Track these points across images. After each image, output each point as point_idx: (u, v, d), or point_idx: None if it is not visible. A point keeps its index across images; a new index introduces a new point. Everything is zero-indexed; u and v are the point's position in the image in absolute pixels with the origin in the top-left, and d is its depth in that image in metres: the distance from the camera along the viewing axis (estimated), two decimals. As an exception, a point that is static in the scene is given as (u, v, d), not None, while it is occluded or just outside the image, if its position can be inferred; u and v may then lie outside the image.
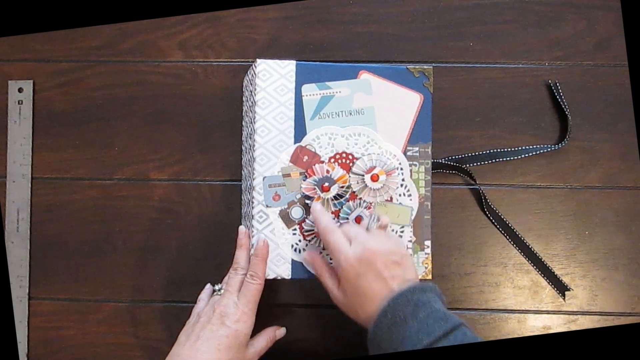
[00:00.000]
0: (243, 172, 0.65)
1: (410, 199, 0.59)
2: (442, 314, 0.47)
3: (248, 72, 0.63)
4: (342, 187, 0.58)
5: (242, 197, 0.65)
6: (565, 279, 0.65)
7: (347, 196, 0.58)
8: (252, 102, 0.59)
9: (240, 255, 0.58)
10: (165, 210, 0.67)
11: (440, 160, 0.65)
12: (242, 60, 0.67)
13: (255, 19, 0.68)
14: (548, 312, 0.66)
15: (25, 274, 0.67)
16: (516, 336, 0.65)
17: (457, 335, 0.46)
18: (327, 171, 0.58)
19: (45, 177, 0.68)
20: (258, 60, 0.58)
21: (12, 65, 0.68)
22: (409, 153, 0.59)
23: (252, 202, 0.58)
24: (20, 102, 0.68)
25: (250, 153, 0.59)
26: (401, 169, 0.59)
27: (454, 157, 0.66)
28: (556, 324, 0.66)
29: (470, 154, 0.66)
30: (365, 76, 0.59)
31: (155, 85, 0.68)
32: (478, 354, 0.46)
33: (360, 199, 0.58)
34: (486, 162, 0.66)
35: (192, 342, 0.53)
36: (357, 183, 0.58)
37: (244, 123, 0.65)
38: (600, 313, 0.65)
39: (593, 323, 0.65)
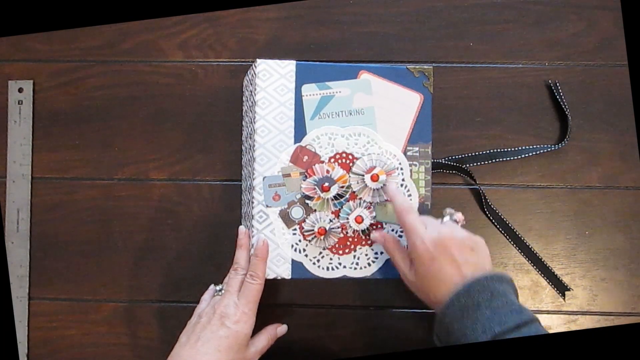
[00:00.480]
0: (243, 172, 0.65)
1: (410, 199, 0.59)
2: (517, 306, 0.48)
3: (248, 72, 0.63)
4: (342, 187, 0.58)
5: (242, 197, 0.65)
6: (565, 279, 0.65)
7: (347, 196, 0.58)
8: (252, 102, 0.59)
9: (240, 256, 0.58)
10: (165, 210, 0.67)
11: (440, 160, 0.65)
12: (242, 60, 0.67)
13: (255, 19, 0.68)
14: (548, 312, 0.66)
15: (25, 274, 0.67)
16: (516, 336, 0.65)
17: (531, 329, 0.46)
18: (327, 171, 0.58)
19: (45, 177, 0.68)
20: (258, 60, 0.58)
21: (12, 65, 0.68)
22: (409, 153, 0.59)
23: (252, 202, 0.58)
24: (20, 102, 0.68)
25: (250, 153, 0.59)
26: (401, 169, 0.59)
27: (454, 157, 0.66)
28: (556, 324, 0.66)
29: (470, 154, 0.66)
30: (365, 76, 0.59)
31: (155, 85, 0.68)
32: (478, 354, 0.46)
33: (360, 199, 0.58)
34: (486, 162, 0.66)
35: (192, 343, 0.53)
36: (357, 183, 0.58)
37: (244, 123, 0.65)
38: (600, 313, 0.65)
39: (593, 323, 0.65)
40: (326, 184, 0.57)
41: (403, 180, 0.59)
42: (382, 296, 0.66)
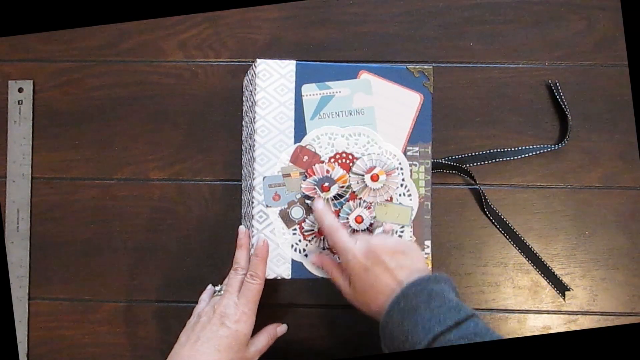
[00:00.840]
0: (243, 172, 0.65)
1: (410, 199, 0.59)
2: (455, 304, 0.48)
3: (248, 72, 0.63)
4: (342, 187, 0.58)
5: (242, 197, 0.65)
6: (565, 279, 0.65)
7: (347, 196, 0.58)
8: (252, 102, 0.59)
9: (240, 256, 0.58)
10: (165, 210, 0.67)
11: (440, 160, 0.65)
12: (242, 60, 0.67)
13: (255, 19, 0.68)
14: (548, 312, 0.66)
15: (25, 274, 0.67)
16: (516, 336, 0.65)
17: (469, 325, 0.46)
18: (327, 171, 0.58)
19: (45, 177, 0.68)
20: (258, 60, 0.58)
21: (12, 65, 0.68)
22: (409, 153, 0.59)
23: (252, 202, 0.58)
24: (20, 102, 0.68)
25: (250, 153, 0.59)
26: (401, 169, 0.59)
27: (454, 157, 0.66)
28: (556, 324, 0.66)
29: (470, 154, 0.66)
30: (365, 76, 0.59)
31: (155, 85, 0.68)
32: (478, 354, 0.46)
33: (360, 199, 0.58)
34: (486, 162, 0.66)
35: (192, 343, 0.53)
36: (357, 183, 0.58)
37: (244, 123, 0.65)
38: (600, 313, 0.65)
39: (593, 323, 0.65)
40: (326, 184, 0.57)
41: (403, 180, 0.59)
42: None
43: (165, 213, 0.67)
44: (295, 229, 0.58)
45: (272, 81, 0.58)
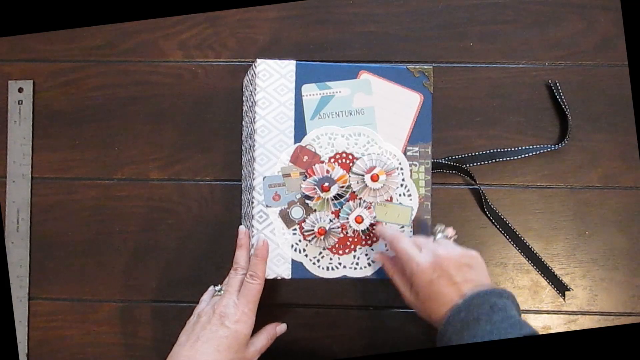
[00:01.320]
0: (243, 172, 0.65)
1: (410, 199, 0.59)
2: (516, 320, 0.47)
3: (248, 72, 0.63)
4: (342, 187, 0.58)
5: (242, 197, 0.65)
6: (565, 279, 0.65)
7: (347, 196, 0.58)
8: (252, 102, 0.59)
9: (240, 255, 0.58)
10: (165, 210, 0.67)
11: (440, 160, 0.65)
12: (242, 60, 0.67)
13: (255, 19, 0.68)
14: (548, 312, 0.66)
15: (25, 274, 0.67)
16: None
17: None
18: (327, 171, 0.58)
19: (45, 177, 0.68)
20: (258, 60, 0.58)
21: (12, 65, 0.68)
22: (409, 153, 0.59)
23: (252, 202, 0.58)
24: (20, 102, 0.68)
25: (250, 153, 0.59)
26: (401, 169, 0.59)
27: (454, 157, 0.66)
28: (556, 324, 0.66)
29: (470, 154, 0.66)
30: (365, 76, 0.59)
31: (155, 85, 0.68)
32: (478, 354, 0.46)
33: (360, 199, 0.58)
34: (486, 162, 0.66)
35: (192, 343, 0.53)
36: (357, 183, 0.58)
37: (244, 123, 0.65)
38: (600, 313, 0.65)
39: (593, 323, 0.65)
40: (326, 184, 0.57)
41: (403, 180, 0.59)
42: (382, 296, 0.66)
43: (165, 213, 0.67)
44: (295, 229, 0.58)
45: (272, 81, 0.58)
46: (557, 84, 0.66)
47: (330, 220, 0.58)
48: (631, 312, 0.65)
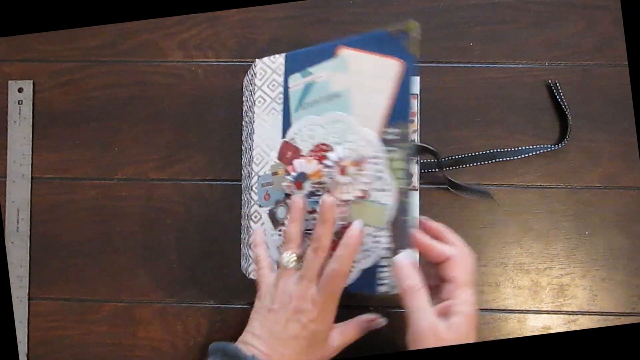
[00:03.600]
0: (243, 172, 0.65)
1: (385, 195, 0.49)
2: None
3: (248, 73, 0.63)
4: (317, 183, 0.52)
5: (242, 197, 0.65)
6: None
7: (322, 193, 0.51)
8: (251, 102, 0.59)
9: (324, 234, 0.47)
10: (165, 210, 0.67)
11: (433, 158, 0.65)
12: (242, 60, 0.67)
13: (255, 19, 0.68)
14: (548, 312, 0.66)
15: (25, 274, 0.67)
16: (516, 336, 0.65)
17: None
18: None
19: (45, 177, 0.68)
20: (257, 61, 0.58)
21: (12, 65, 0.68)
22: (388, 137, 0.49)
23: (250, 202, 0.57)
24: (20, 102, 0.68)
25: (249, 153, 0.59)
26: (378, 157, 0.50)
27: (454, 157, 0.66)
28: (556, 324, 0.66)
29: (470, 154, 0.66)
30: (343, 52, 0.52)
31: (155, 85, 0.68)
32: (478, 354, 0.46)
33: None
34: (486, 162, 0.66)
35: (266, 339, 0.48)
36: (330, 178, 0.51)
37: (243, 123, 0.65)
38: (600, 313, 0.65)
39: (593, 323, 0.65)
40: (300, 181, 0.53)
41: (380, 172, 0.50)
42: (382, 296, 0.66)
43: (165, 213, 0.67)
44: (280, 230, 0.54)
45: (265, 78, 0.57)
46: (557, 84, 0.66)
47: (306, 220, 0.52)
48: (631, 312, 0.65)
